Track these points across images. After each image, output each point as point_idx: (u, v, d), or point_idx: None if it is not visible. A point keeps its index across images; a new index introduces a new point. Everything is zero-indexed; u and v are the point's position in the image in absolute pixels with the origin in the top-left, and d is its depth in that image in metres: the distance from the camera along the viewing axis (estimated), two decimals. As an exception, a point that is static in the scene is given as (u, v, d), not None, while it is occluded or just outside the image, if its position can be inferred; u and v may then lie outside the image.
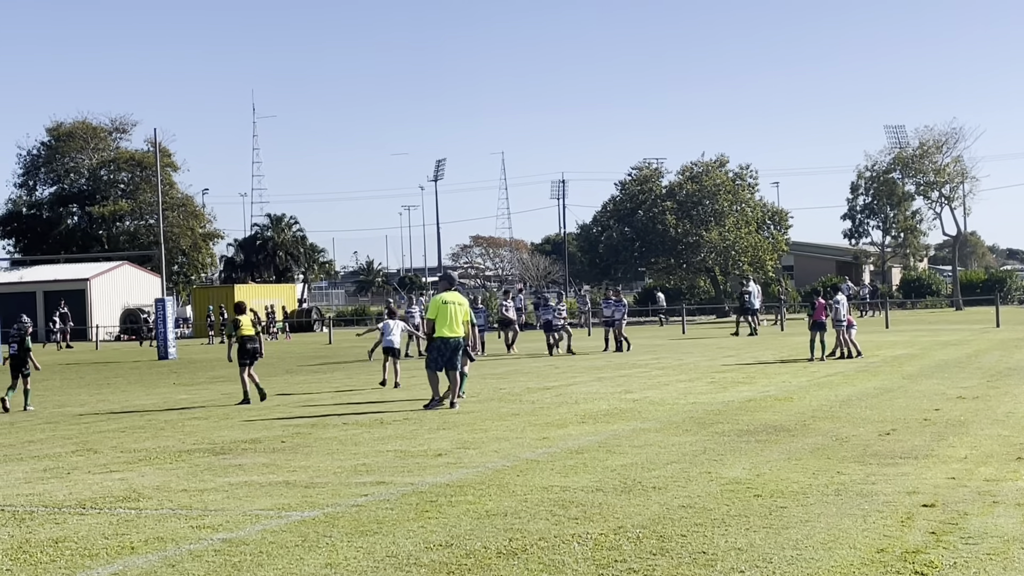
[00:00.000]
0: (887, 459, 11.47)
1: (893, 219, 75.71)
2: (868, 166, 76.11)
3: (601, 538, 8.26)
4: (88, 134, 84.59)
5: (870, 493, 9.63)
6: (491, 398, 19.53)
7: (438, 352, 17.70)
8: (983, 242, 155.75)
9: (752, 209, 69.93)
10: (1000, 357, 25.82)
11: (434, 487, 10.59)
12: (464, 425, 15.61)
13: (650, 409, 17.06)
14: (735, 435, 13.70)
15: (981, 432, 13.36)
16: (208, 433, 15.82)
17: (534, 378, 24.20)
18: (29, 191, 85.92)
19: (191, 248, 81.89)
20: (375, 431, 15.34)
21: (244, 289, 70.47)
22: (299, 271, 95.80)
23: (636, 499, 9.69)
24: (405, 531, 8.68)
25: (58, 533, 9.10)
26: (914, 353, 28.17)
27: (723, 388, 20.26)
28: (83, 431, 16.76)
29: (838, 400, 17.44)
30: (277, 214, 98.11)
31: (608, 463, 11.77)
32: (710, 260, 68.30)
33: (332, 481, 11.17)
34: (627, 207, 69.89)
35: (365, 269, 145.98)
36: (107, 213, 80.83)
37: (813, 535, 8.14)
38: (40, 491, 11.26)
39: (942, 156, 72.50)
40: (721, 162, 70.04)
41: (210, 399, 21.85)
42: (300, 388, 23.76)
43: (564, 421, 15.83)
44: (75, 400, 22.91)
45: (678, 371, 24.87)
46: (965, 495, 9.46)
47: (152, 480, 11.68)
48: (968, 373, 21.66)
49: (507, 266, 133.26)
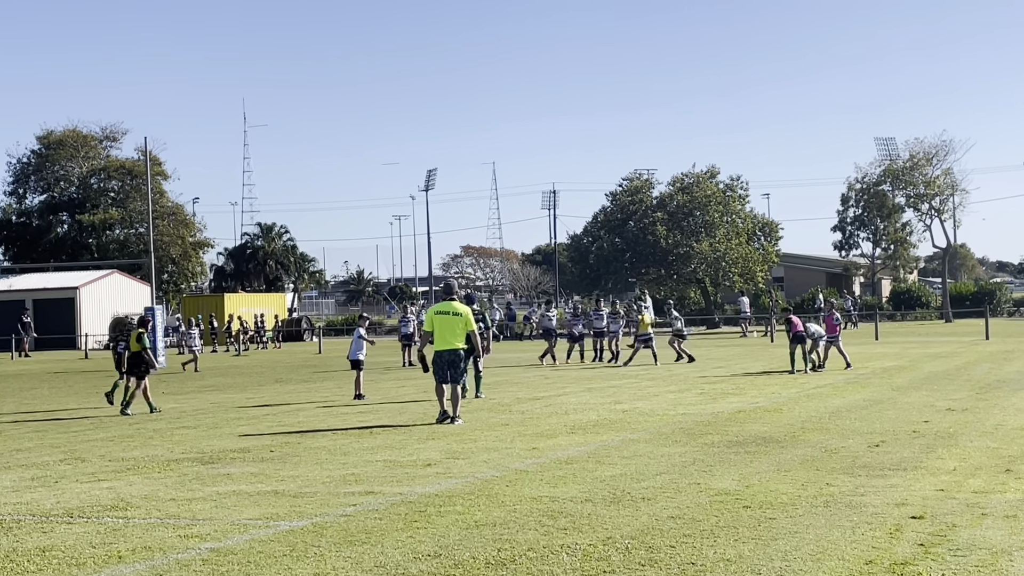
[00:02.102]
0: (876, 471, 11.48)
1: (883, 231, 75.92)
2: (858, 178, 76.39)
3: (590, 549, 8.25)
4: (78, 142, 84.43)
5: (859, 505, 9.64)
6: (481, 408, 19.50)
7: (437, 367, 17.30)
8: (973, 254, 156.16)
9: (743, 220, 70.03)
10: (989, 369, 25.87)
11: (423, 497, 10.57)
12: (453, 435, 15.59)
13: (640, 420, 17.06)
14: (724, 446, 13.70)
15: (970, 444, 13.38)
16: (197, 442, 15.78)
17: (524, 388, 24.19)
18: (19, 199, 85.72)
19: (181, 257, 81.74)
20: (364, 441, 15.31)
21: (234, 298, 70.40)
22: (289, 280, 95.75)
23: (625, 510, 9.69)
24: (393, 541, 8.67)
25: (45, 542, 9.07)
26: (903, 365, 28.21)
27: (712, 399, 20.27)
28: (71, 440, 16.70)
29: (827, 412, 17.46)
30: (267, 223, 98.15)
31: (597, 474, 11.76)
32: (700, 271, 68.36)
33: (321, 491, 11.15)
34: (618, 218, 69.98)
35: (355, 279, 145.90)
36: (97, 221, 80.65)
37: (802, 547, 8.14)
38: (28, 500, 11.22)
39: (932, 168, 72.77)
40: (712, 173, 70.16)
41: (199, 408, 21.80)
42: (289, 398, 23.71)
43: (554, 431, 15.82)
44: (63, 408, 22.83)
45: (668, 382, 24.88)
46: (954, 507, 9.47)
47: (140, 489, 11.64)
48: (957, 385, 21.70)
49: (497, 276, 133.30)
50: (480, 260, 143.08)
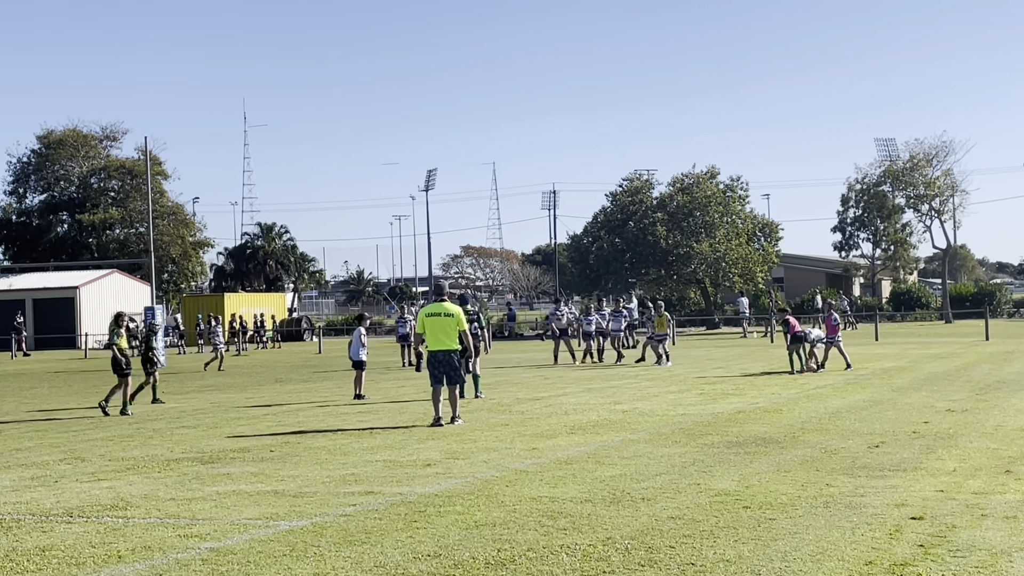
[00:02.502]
0: (876, 471, 11.48)
1: (883, 232, 75.92)
2: (859, 179, 76.39)
3: (589, 549, 8.25)
4: (79, 142, 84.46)
5: (859, 505, 9.64)
6: (480, 408, 19.50)
7: (431, 367, 17.28)
8: (973, 255, 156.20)
9: (743, 221, 70.05)
10: (989, 370, 25.86)
11: (423, 497, 10.57)
12: (453, 435, 15.59)
13: (639, 420, 17.05)
14: (724, 447, 13.70)
15: (970, 445, 13.37)
16: (196, 442, 15.78)
17: (524, 388, 24.18)
18: (19, 199, 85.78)
19: (181, 257, 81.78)
20: (364, 441, 15.31)
21: (234, 298, 70.40)
22: (289, 280, 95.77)
23: (625, 510, 9.69)
24: (393, 541, 8.66)
25: (45, 541, 9.07)
26: (903, 366, 28.21)
27: (712, 400, 20.26)
28: (71, 439, 16.70)
29: (827, 412, 17.46)
30: (268, 223, 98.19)
31: (597, 474, 11.76)
32: (700, 272, 68.36)
33: (320, 491, 11.15)
34: (618, 218, 69.99)
35: (355, 279, 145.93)
36: (97, 221, 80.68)
37: (801, 547, 8.14)
38: (27, 499, 11.22)
39: (932, 169, 72.74)
40: (712, 174, 70.18)
41: (199, 407, 21.80)
42: (289, 397, 23.71)
43: (553, 432, 15.82)
44: (63, 407, 22.83)
45: (667, 382, 24.87)
46: (953, 508, 9.47)
47: (140, 489, 11.64)
48: (957, 386, 21.69)
49: (497, 276, 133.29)
50: (480, 260, 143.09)
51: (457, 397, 17.25)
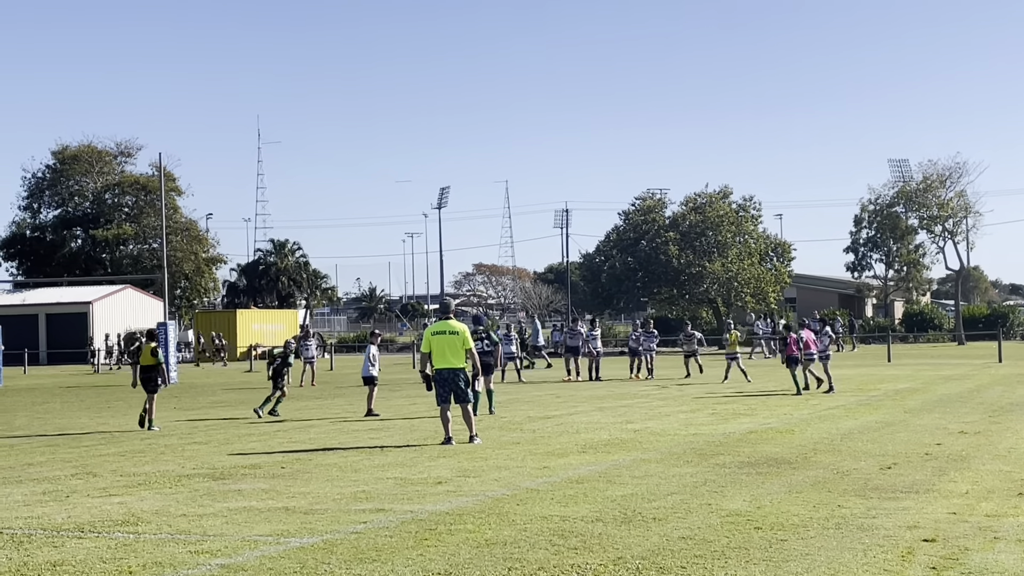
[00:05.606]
0: (888, 493, 11.44)
1: (896, 253, 75.85)
2: (871, 199, 76.38)
3: (600, 569, 8.23)
4: (93, 158, 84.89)
5: (871, 527, 9.60)
6: (492, 426, 19.49)
7: (438, 386, 17.18)
8: (986, 277, 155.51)
9: (755, 241, 70.02)
10: (1002, 392, 25.77)
11: (434, 515, 10.56)
12: (464, 453, 15.58)
13: (651, 440, 17.03)
14: (736, 467, 13.67)
15: (982, 467, 13.32)
16: (208, 458, 15.80)
17: (535, 407, 24.17)
18: (33, 214, 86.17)
19: (194, 272, 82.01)
20: (375, 458, 15.31)
21: (246, 314, 70.55)
22: (302, 297, 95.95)
23: (636, 530, 9.67)
24: (404, 559, 8.66)
25: (56, 556, 9.08)
26: (916, 387, 28.12)
27: (724, 419, 20.22)
28: (83, 454, 16.73)
29: (839, 433, 17.40)
30: (280, 239, 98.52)
31: (608, 493, 11.74)
32: (712, 291, 68.28)
33: (331, 508, 11.14)
34: (630, 237, 70.00)
35: (368, 296, 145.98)
36: (111, 237, 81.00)
37: (813, 569, 8.11)
38: (39, 514, 11.24)
39: (945, 191, 72.71)
40: (725, 193, 70.18)
41: (210, 423, 21.82)
42: (301, 414, 23.73)
43: (565, 451, 15.80)
44: (75, 423, 22.89)
45: (679, 402, 24.84)
46: (966, 530, 9.43)
47: (151, 504, 11.66)
48: (970, 408, 21.62)
49: (509, 295, 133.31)
50: (492, 278, 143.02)
51: (471, 415, 17.14)
